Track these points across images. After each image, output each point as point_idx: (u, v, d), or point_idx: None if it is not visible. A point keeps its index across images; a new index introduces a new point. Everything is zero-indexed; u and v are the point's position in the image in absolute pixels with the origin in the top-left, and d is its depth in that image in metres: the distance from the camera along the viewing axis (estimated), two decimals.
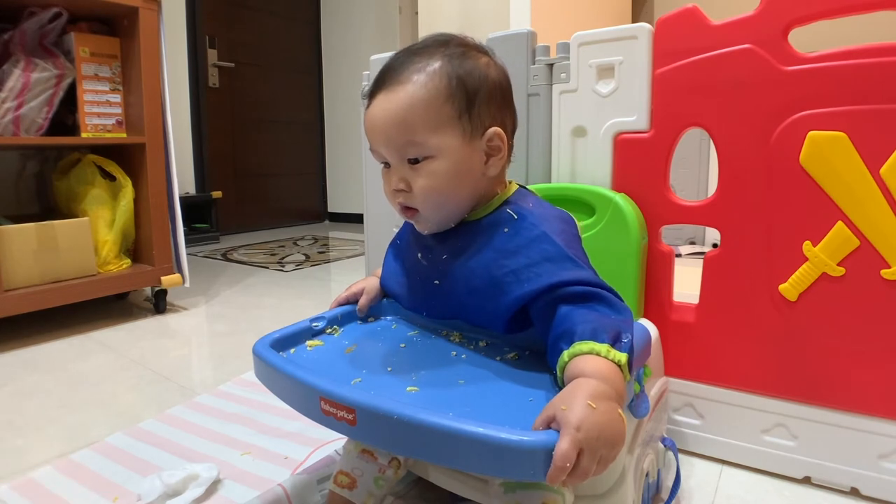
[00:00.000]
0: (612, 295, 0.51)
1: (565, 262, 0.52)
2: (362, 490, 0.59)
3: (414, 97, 0.53)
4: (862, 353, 0.70)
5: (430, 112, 0.53)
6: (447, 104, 0.54)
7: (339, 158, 3.79)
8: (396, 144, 0.54)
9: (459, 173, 0.55)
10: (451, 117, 0.54)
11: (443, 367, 0.53)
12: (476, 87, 0.55)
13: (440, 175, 0.54)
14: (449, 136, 0.54)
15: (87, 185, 1.53)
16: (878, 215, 0.67)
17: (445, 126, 0.54)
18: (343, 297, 0.68)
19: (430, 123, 0.53)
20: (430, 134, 0.53)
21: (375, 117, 0.56)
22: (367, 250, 1.22)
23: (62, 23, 1.44)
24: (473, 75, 0.55)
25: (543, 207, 0.59)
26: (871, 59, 0.66)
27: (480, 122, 0.56)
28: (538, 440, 0.37)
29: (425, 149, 0.54)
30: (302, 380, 0.48)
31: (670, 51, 0.77)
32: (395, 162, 0.56)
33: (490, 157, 0.57)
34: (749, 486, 0.75)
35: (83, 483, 0.76)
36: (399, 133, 0.54)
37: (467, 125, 0.55)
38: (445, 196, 0.55)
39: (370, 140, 0.57)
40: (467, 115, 0.55)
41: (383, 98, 0.55)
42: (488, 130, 0.56)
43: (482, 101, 0.56)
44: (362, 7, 3.46)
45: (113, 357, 1.27)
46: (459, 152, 0.55)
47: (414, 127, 0.53)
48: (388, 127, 0.54)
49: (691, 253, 1.91)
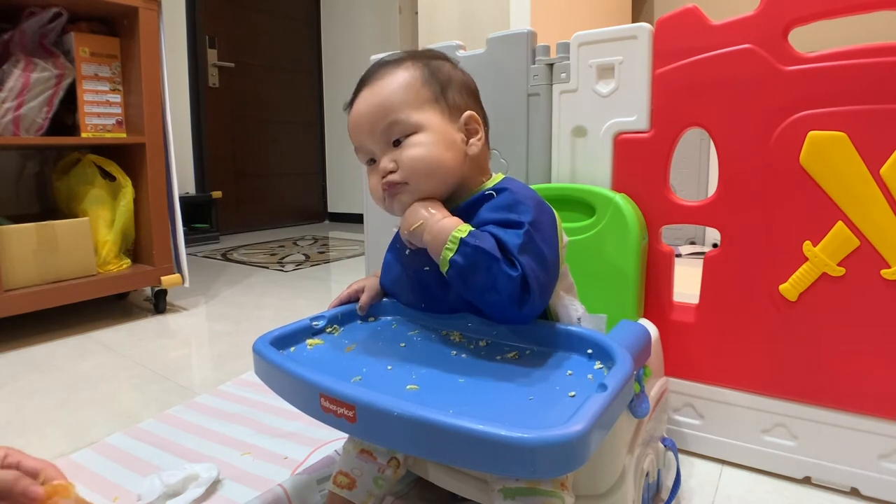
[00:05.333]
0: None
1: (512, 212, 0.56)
2: (362, 490, 0.59)
3: (393, 83, 0.59)
4: (862, 353, 0.70)
5: (409, 93, 0.59)
6: (424, 87, 0.60)
7: (339, 158, 3.79)
8: (381, 128, 0.58)
9: (444, 142, 0.59)
10: (428, 99, 0.59)
11: (443, 367, 0.53)
12: (447, 78, 0.62)
13: (426, 144, 0.58)
14: (429, 113, 0.59)
15: (87, 185, 1.53)
16: (878, 215, 0.67)
17: (425, 105, 0.59)
18: (344, 295, 0.69)
19: (411, 103, 0.58)
20: (412, 111, 0.58)
21: (359, 111, 0.61)
22: (367, 250, 1.22)
23: (62, 23, 1.44)
24: (443, 70, 0.62)
25: (526, 191, 0.60)
26: (871, 59, 0.66)
27: (456, 105, 0.61)
28: (537, 438, 0.37)
29: (409, 126, 0.58)
30: (302, 377, 0.48)
31: (670, 51, 0.77)
32: (381, 149, 0.60)
33: (469, 138, 0.61)
34: (749, 486, 0.75)
35: (83, 483, 0.75)
36: (383, 116, 0.58)
37: (444, 106, 0.60)
38: (433, 162, 0.58)
39: (355, 139, 0.62)
40: (443, 99, 0.60)
41: (365, 94, 0.61)
42: (464, 113, 0.61)
43: (454, 89, 0.62)
44: (362, 7, 3.46)
45: (113, 357, 1.27)
46: (441, 127, 0.59)
47: (397, 107, 0.58)
48: (372, 114, 0.59)
49: (691, 253, 1.91)
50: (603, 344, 0.52)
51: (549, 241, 0.56)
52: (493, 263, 0.51)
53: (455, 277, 0.54)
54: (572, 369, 0.51)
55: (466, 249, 0.52)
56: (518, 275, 0.51)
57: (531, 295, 0.52)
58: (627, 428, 0.58)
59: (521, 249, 0.52)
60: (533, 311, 0.54)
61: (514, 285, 0.51)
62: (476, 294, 0.54)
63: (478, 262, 0.51)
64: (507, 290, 0.51)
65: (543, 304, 0.56)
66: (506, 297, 0.52)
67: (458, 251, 0.52)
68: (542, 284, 0.54)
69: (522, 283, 0.51)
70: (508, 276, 0.51)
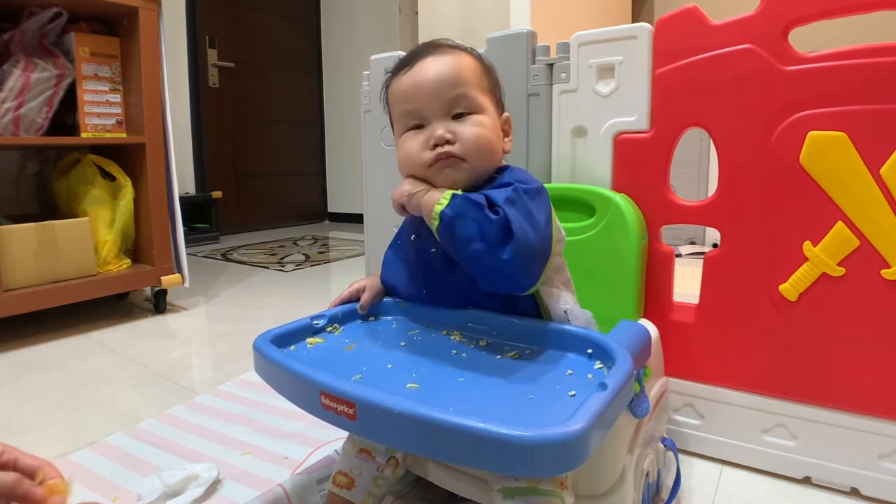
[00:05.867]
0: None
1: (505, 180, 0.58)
2: (361, 490, 0.59)
3: (463, 60, 0.61)
4: (862, 353, 0.70)
5: (476, 75, 0.61)
6: (484, 77, 0.62)
7: (339, 158, 3.79)
8: (447, 97, 0.59)
9: (496, 131, 0.61)
10: (486, 88, 0.62)
11: (443, 365, 0.53)
12: (496, 77, 0.65)
13: (487, 126, 0.60)
14: (488, 100, 0.62)
15: (87, 185, 1.52)
16: (878, 215, 0.67)
17: (485, 92, 0.62)
18: (345, 294, 0.69)
19: (477, 85, 0.61)
20: (478, 92, 0.60)
21: (425, 75, 0.60)
22: (367, 250, 1.22)
23: (62, 23, 1.44)
24: (493, 69, 0.65)
25: (525, 174, 0.62)
26: (871, 59, 0.66)
27: (501, 103, 0.65)
28: (537, 436, 0.37)
29: (475, 104, 0.60)
30: (302, 374, 0.48)
31: (670, 51, 0.77)
32: (439, 117, 0.59)
33: (506, 136, 0.65)
34: (749, 486, 0.75)
35: (83, 483, 0.76)
36: (452, 86, 0.59)
37: (495, 100, 0.63)
38: (491, 146, 0.60)
39: (410, 101, 0.60)
40: (495, 93, 0.64)
41: (431, 61, 0.60)
42: (504, 113, 0.65)
43: (500, 89, 0.66)
44: (362, 7, 3.46)
45: (113, 357, 1.27)
46: (494, 117, 0.62)
47: (467, 82, 0.59)
48: (441, 81, 0.59)
49: (691, 253, 1.91)
50: (603, 344, 0.52)
51: (540, 208, 0.56)
52: (477, 211, 0.52)
53: (443, 231, 0.54)
54: (572, 369, 0.51)
55: (455, 201, 0.54)
56: (499, 218, 0.51)
57: (514, 239, 0.50)
58: (627, 428, 0.58)
59: (506, 202, 0.53)
60: (519, 267, 0.52)
61: (495, 228, 0.51)
62: (462, 247, 0.53)
63: (464, 213, 0.53)
64: (490, 234, 0.51)
65: (532, 269, 0.54)
66: (490, 243, 0.51)
67: (448, 204, 0.54)
68: (530, 241, 0.52)
69: (504, 226, 0.51)
70: (489, 219, 0.52)
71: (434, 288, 0.63)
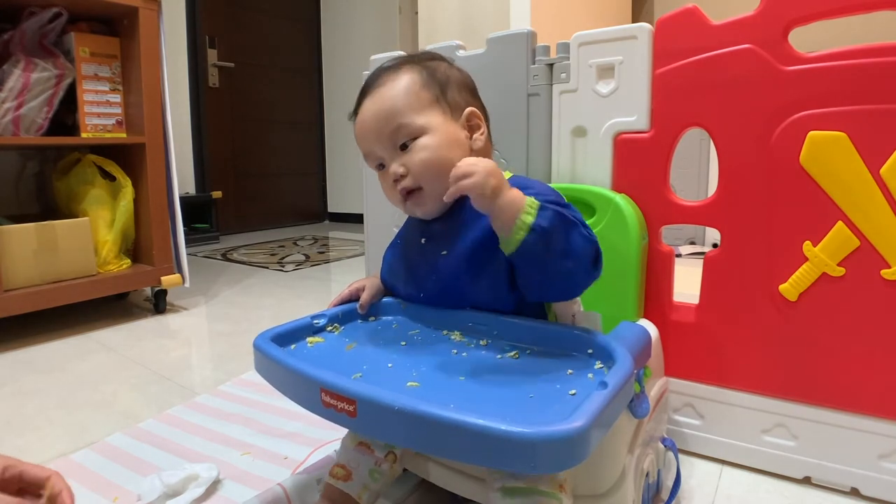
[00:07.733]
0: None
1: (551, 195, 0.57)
2: (357, 482, 0.59)
3: (394, 89, 0.61)
4: (862, 353, 0.70)
5: (410, 97, 0.60)
6: (424, 90, 0.61)
7: (339, 158, 3.79)
8: (387, 133, 0.60)
9: (449, 142, 0.61)
10: (429, 100, 0.61)
11: (443, 364, 0.53)
12: (445, 78, 0.63)
13: (432, 146, 0.60)
14: (431, 115, 0.61)
15: (87, 185, 1.53)
16: (878, 215, 0.67)
17: (426, 108, 0.61)
18: (345, 294, 0.69)
19: (413, 106, 0.60)
20: (415, 115, 0.60)
21: (365, 119, 0.62)
22: (367, 250, 1.22)
23: (62, 23, 1.44)
24: (440, 70, 0.64)
25: (535, 180, 0.63)
26: (871, 59, 0.66)
27: (456, 104, 0.63)
28: (538, 432, 0.37)
29: (413, 129, 0.60)
30: (302, 372, 0.48)
31: (670, 51, 0.77)
32: (389, 154, 0.61)
33: (472, 133, 0.63)
34: (749, 486, 0.75)
35: (83, 483, 0.76)
36: (388, 121, 0.60)
37: (445, 107, 0.62)
38: (441, 163, 0.59)
39: (363, 145, 0.63)
40: (444, 99, 0.62)
41: (368, 102, 0.62)
42: (465, 110, 0.63)
43: (453, 88, 0.63)
44: (362, 7, 3.47)
45: (113, 357, 1.27)
46: (444, 127, 0.61)
47: (400, 112, 0.60)
48: (378, 120, 0.61)
49: (691, 253, 1.91)
50: (603, 344, 0.52)
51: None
52: (571, 228, 0.52)
53: (535, 243, 0.50)
54: (573, 368, 0.51)
55: (547, 213, 0.51)
56: (595, 239, 0.53)
57: (600, 261, 0.54)
58: (627, 428, 0.58)
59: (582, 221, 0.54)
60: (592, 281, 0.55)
61: (592, 249, 0.53)
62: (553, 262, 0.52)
63: (558, 226, 0.51)
64: (586, 253, 0.53)
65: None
66: (583, 262, 0.53)
67: (539, 215, 0.51)
68: None
69: (596, 247, 0.54)
70: (587, 239, 0.53)
71: (436, 289, 0.63)
